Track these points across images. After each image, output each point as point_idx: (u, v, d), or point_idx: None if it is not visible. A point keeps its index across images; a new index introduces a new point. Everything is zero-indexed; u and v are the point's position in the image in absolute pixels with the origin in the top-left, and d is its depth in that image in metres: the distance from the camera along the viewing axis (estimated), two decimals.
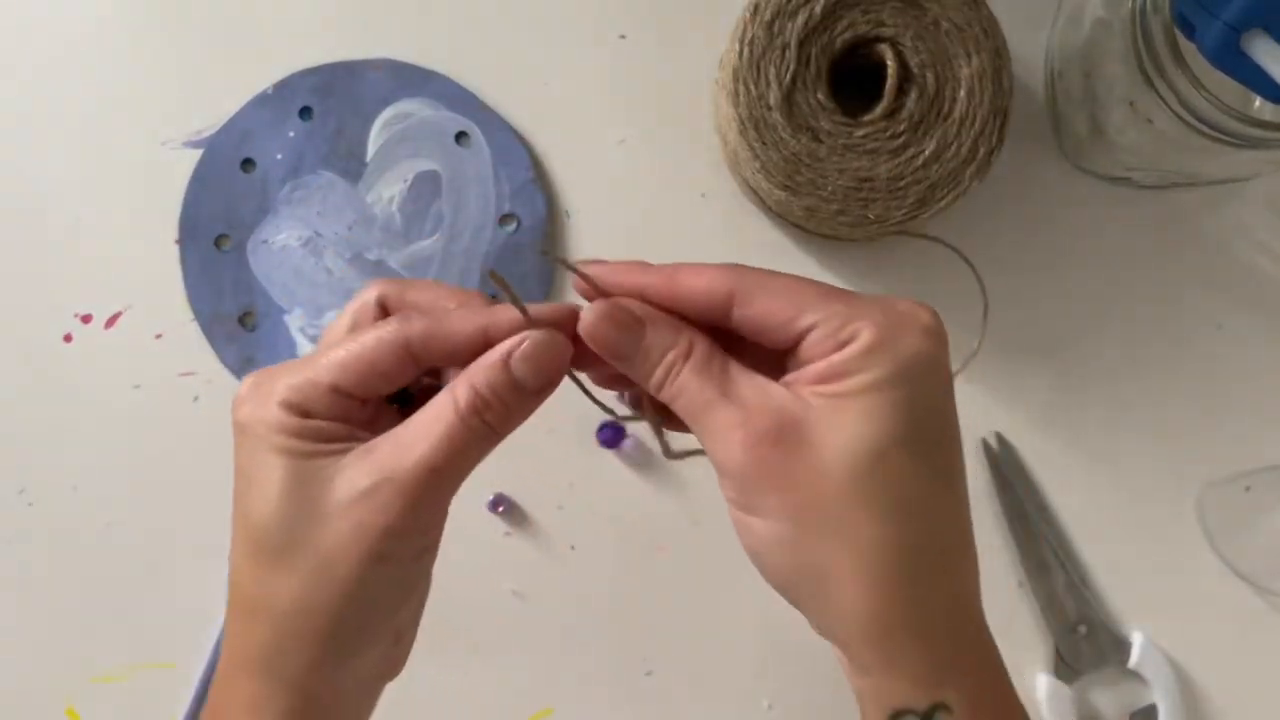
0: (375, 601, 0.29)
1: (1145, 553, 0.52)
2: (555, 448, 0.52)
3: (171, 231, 0.53)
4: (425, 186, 0.53)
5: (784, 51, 0.47)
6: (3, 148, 0.55)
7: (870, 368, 0.27)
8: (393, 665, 0.33)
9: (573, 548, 0.52)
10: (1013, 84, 0.47)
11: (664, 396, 0.29)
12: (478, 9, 0.54)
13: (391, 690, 0.51)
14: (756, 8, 0.47)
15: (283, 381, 0.29)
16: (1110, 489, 0.52)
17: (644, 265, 0.30)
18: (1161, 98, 0.43)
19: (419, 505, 0.28)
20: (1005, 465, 0.51)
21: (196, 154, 0.54)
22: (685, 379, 0.29)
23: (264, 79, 0.54)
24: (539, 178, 0.53)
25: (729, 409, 0.28)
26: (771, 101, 0.47)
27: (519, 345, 0.29)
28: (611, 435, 0.51)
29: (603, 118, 0.54)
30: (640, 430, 0.52)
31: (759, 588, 0.52)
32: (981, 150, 0.47)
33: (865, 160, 0.47)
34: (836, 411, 0.27)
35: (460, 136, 0.53)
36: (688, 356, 0.29)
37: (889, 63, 0.47)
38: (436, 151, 0.53)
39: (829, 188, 0.47)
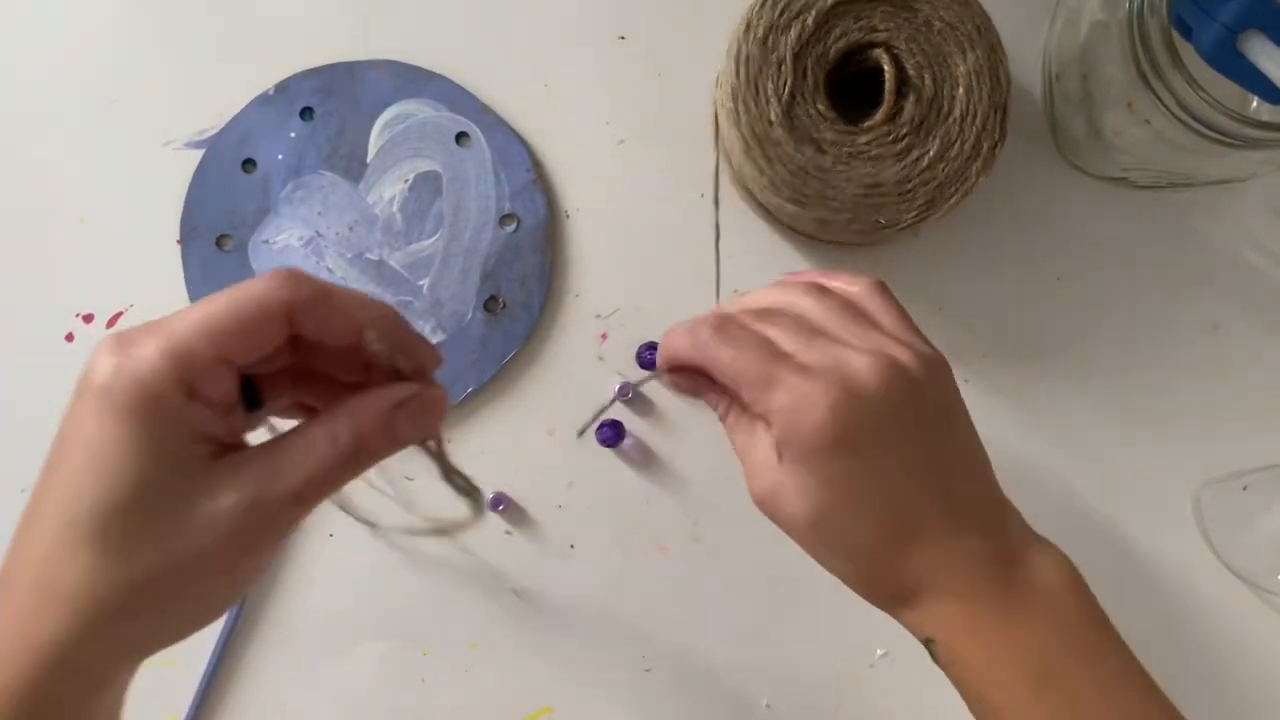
0: (205, 609, 0.29)
1: (1142, 550, 0.52)
2: (555, 447, 0.52)
3: (173, 231, 0.54)
4: (426, 187, 0.53)
5: (780, 67, 0.47)
6: (5, 148, 0.55)
7: (786, 460, 0.34)
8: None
9: (572, 547, 0.52)
10: (1009, 78, 0.47)
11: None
12: (478, 10, 0.55)
13: (392, 688, 0.52)
14: (749, 25, 0.47)
15: (155, 346, 0.27)
16: (1107, 488, 0.52)
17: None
18: (1159, 98, 0.43)
19: (282, 533, 0.29)
20: None
21: (198, 154, 0.54)
22: (727, 428, 0.36)
23: (265, 80, 0.54)
24: (539, 178, 0.53)
25: (748, 463, 0.35)
26: (773, 118, 0.47)
27: (408, 399, 0.30)
28: (611, 435, 0.52)
29: (603, 118, 0.54)
30: (640, 430, 0.52)
31: (759, 587, 0.52)
32: (985, 146, 0.47)
33: (871, 166, 0.47)
34: (786, 487, 0.34)
35: (461, 137, 0.53)
36: (727, 413, 0.36)
37: (885, 66, 0.47)
38: (437, 152, 0.53)
39: (838, 198, 0.47)
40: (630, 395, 0.52)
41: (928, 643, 0.35)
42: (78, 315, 0.54)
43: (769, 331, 0.35)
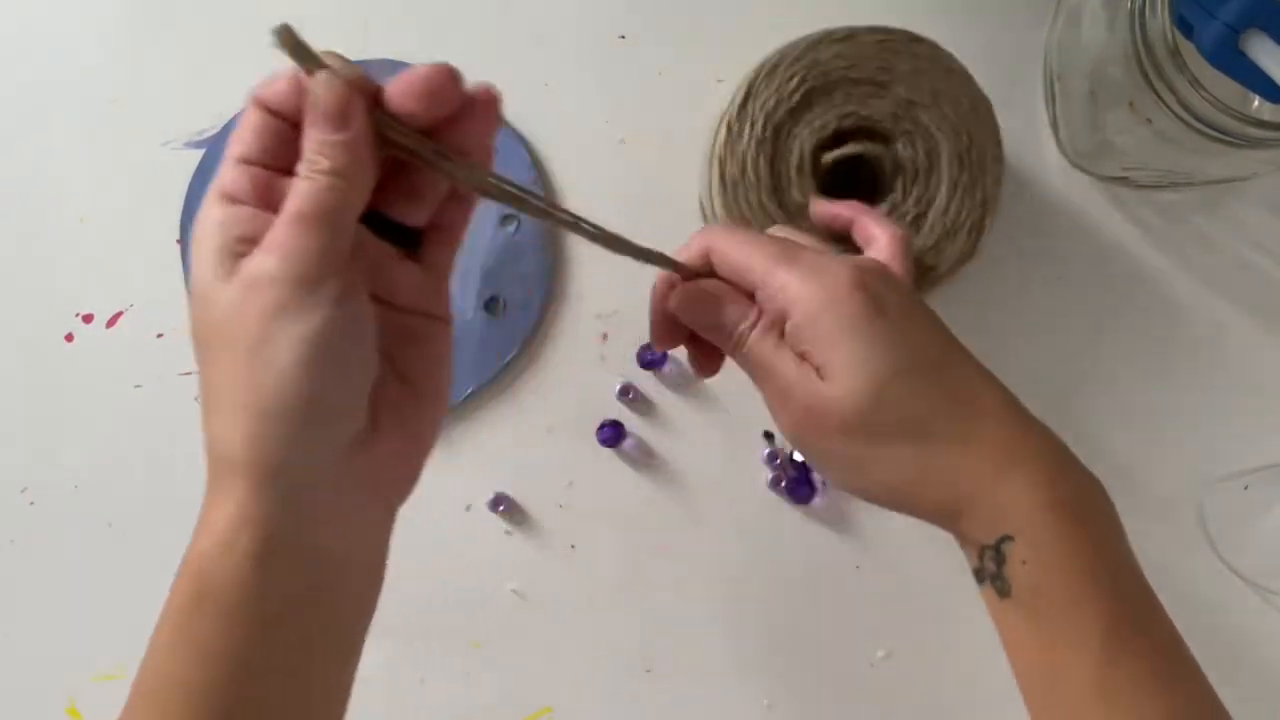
0: (299, 358, 0.29)
1: (1143, 551, 0.52)
2: (555, 447, 0.52)
3: (173, 231, 0.54)
4: None
5: (781, 205, 0.47)
6: (5, 148, 0.55)
7: (824, 346, 0.33)
8: (385, 467, 0.34)
9: (573, 547, 0.52)
10: (990, 109, 0.47)
11: (735, 358, 0.36)
12: (477, 10, 0.54)
13: (393, 688, 0.52)
14: (739, 212, 0.47)
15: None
16: (1108, 488, 0.52)
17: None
18: (1160, 97, 0.43)
19: (296, 251, 0.29)
20: None
21: (198, 154, 0.54)
22: (750, 348, 0.35)
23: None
24: (539, 178, 0.53)
25: (775, 386, 0.35)
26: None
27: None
28: (611, 434, 0.52)
29: (603, 118, 0.54)
30: (640, 430, 0.52)
31: (758, 587, 0.52)
32: (990, 176, 0.47)
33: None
34: (829, 383, 0.34)
35: None
36: (753, 328, 0.35)
37: (859, 149, 0.47)
38: None
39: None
40: (632, 395, 0.52)
41: (1000, 544, 0.33)
42: (78, 315, 0.54)
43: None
